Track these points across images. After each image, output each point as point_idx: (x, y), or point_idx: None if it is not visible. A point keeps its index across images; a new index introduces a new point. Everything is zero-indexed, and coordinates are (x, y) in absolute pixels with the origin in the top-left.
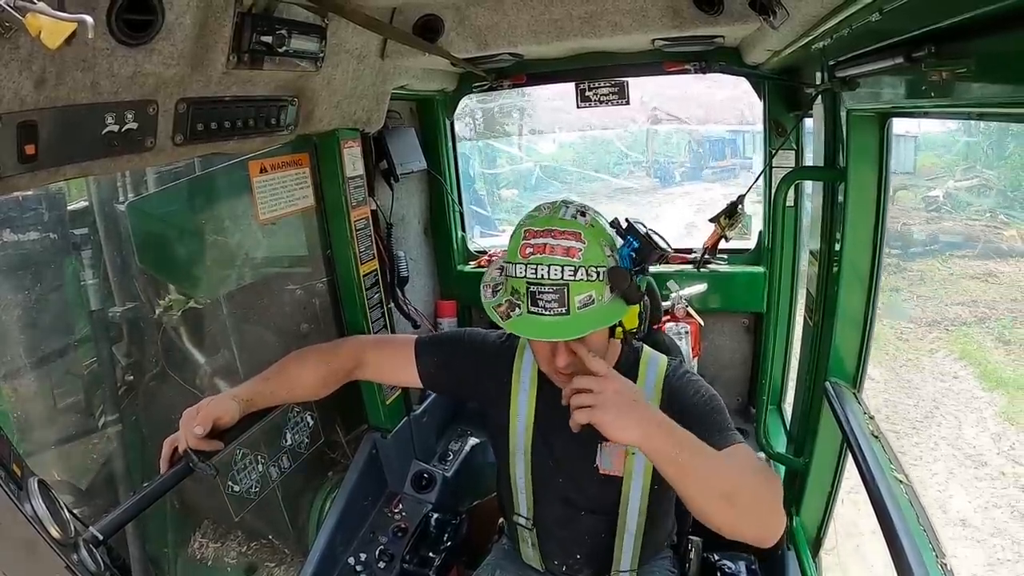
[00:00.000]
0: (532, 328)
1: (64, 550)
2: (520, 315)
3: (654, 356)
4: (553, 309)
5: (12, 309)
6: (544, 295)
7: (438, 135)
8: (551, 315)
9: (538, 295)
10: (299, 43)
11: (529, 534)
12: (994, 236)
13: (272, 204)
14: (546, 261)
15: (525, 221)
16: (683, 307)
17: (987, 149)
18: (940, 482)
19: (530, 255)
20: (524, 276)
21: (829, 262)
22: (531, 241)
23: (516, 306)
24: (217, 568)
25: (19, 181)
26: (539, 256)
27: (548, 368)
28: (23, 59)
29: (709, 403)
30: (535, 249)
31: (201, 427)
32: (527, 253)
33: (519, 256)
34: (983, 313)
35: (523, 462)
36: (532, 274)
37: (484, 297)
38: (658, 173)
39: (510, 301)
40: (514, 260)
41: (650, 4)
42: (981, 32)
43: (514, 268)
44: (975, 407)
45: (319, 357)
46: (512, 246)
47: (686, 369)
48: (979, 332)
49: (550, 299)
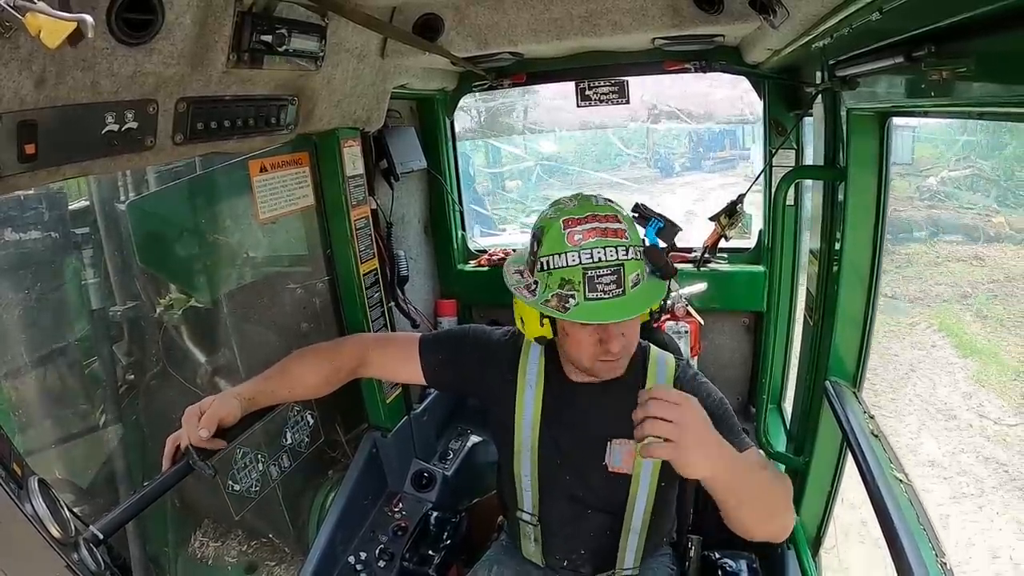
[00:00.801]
0: (595, 313)
1: (64, 549)
2: (578, 304)
3: (662, 355)
4: (611, 291)
5: (13, 308)
6: (602, 278)
7: (438, 134)
8: (609, 298)
9: (596, 279)
10: (299, 42)
11: (533, 530)
12: (983, 223)
13: (272, 203)
14: (601, 244)
15: (556, 214)
16: (683, 306)
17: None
18: (912, 432)
19: (580, 241)
20: (579, 263)
21: (829, 261)
22: (576, 228)
23: (570, 296)
24: (217, 567)
25: (19, 180)
26: (592, 240)
27: (591, 360)
28: (23, 58)
29: (721, 407)
30: (585, 235)
31: (206, 430)
32: (576, 240)
33: (567, 244)
34: (965, 292)
35: (529, 459)
36: (588, 259)
37: (524, 299)
38: (658, 164)
39: (559, 294)
40: (561, 250)
41: (650, 3)
42: (981, 32)
43: (564, 258)
44: (949, 371)
45: (322, 355)
46: (552, 238)
47: (695, 371)
48: (959, 308)
49: (608, 281)
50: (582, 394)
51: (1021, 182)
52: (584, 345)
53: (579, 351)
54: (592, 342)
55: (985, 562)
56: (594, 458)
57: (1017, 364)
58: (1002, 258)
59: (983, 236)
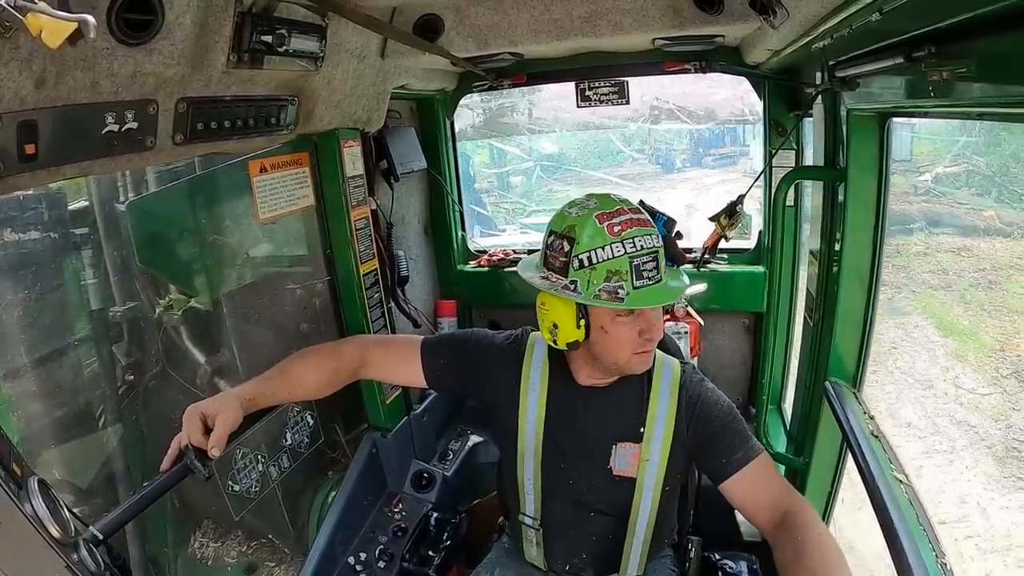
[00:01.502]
0: (648, 298)
1: (64, 549)
2: (628, 293)
3: (668, 359)
4: (654, 277)
5: (12, 309)
6: (646, 265)
7: (438, 135)
8: (652, 283)
9: (641, 267)
10: (299, 43)
11: (535, 534)
12: (975, 217)
13: (272, 204)
14: (639, 233)
15: (583, 212)
16: (683, 307)
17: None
18: (892, 399)
19: (621, 232)
20: (625, 253)
21: (829, 262)
22: (613, 221)
23: (618, 288)
24: (217, 567)
25: (19, 180)
26: (632, 230)
27: (630, 353)
28: (23, 58)
29: (730, 413)
30: (623, 226)
31: (218, 449)
32: (617, 232)
33: (608, 237)
34: (950, 280)
35: (532, 462)
36: (632, 248)
37: (572, 298)
38: (660, 160)
39: (607, 288)
40: (604, 243)
41: (650, 4)
42: (981, 32)
43: (608, 250)
44: (930, 348)
45: (323, 357)
46: (590, 235)
47: (701, 376)
48: (944, 294)
49: (651, 268)
50: (587, 397)
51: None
52: (626, 339)
53: (619, 347)
54: (634, 334)
55: (954, 506)
56: (598, 461)
57: (994, 343)
58: (990, 250)
59: (973, 230)
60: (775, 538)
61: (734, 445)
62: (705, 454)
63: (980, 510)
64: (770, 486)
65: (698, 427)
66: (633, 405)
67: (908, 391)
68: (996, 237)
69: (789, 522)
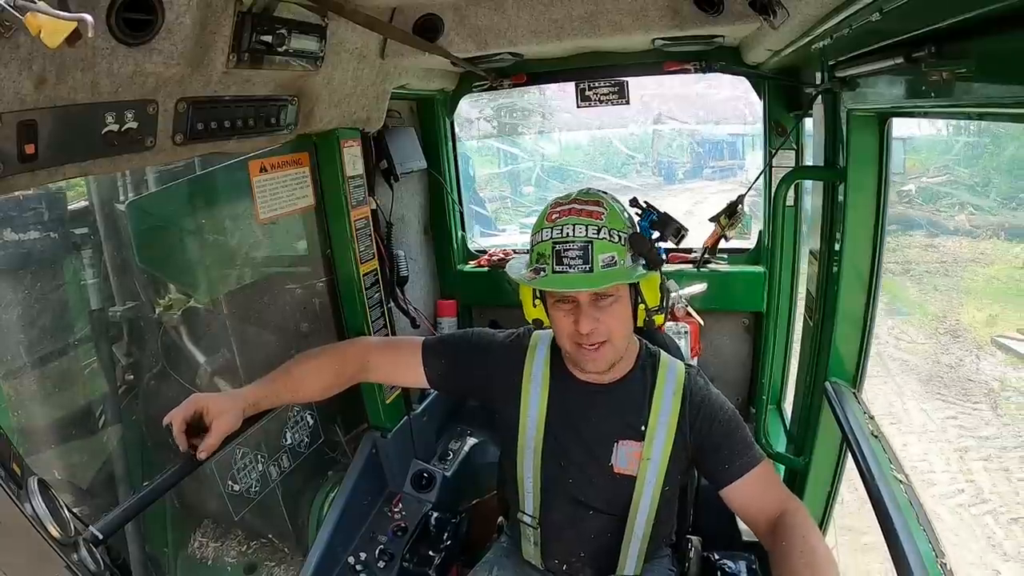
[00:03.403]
0: (557, 282)
1: (64, 549)
2: (545, 275)
3: (672, 362)
4: (577, 266)
5: (12, 308)
6: (569, 252)
7: (438, 135)
8: (576, 272)
9: (563, 253)
10: (299, 43)
11: (533, 532)
12: (948, 221)
13: (272, 204)
14: (571, 221)
15: (550, 203)
16: (683, 307)
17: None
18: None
19: (556, 220)
20: (550, 238)
21: (829, 262)
22: (556, 210)
23: (541, 268)
24: (217, 567)
25: (19, 180)
26: (565, 218)
27: (571, 342)
28: (23, 58)
29: (734, 419)
30: (561, 214)
31: (205, 454)
32: (553, 219)
33: (545, 222)
34: (911, 268)
35: (532, 460)
36: (558, 234)
37: (512, 274)
38: (662, 172)
39: (535, 267)
40: (540, 227)
41: (650, 4)
42: (981, 32)
43: (540, 234)
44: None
45: (325, 360)
46: (538, 222)
47: (706, 380)
48: (903, 279)
49: (575, 256)
50: (589, 395)
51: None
52: (562, 325)
53: (559, 332)
54: (568, 322)
55: (883, 407)
56: (599, 458)
57: (937, 312)
58: (955, 247)
59: (944, 231)
60: (771, 542)
61: (736, 452)
62: (707, 458)
63: (904, 411)
64: (770, 493)
65: (702, 431)
66: (636, 403)
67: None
68: (964, 237)
69: (783, 526)
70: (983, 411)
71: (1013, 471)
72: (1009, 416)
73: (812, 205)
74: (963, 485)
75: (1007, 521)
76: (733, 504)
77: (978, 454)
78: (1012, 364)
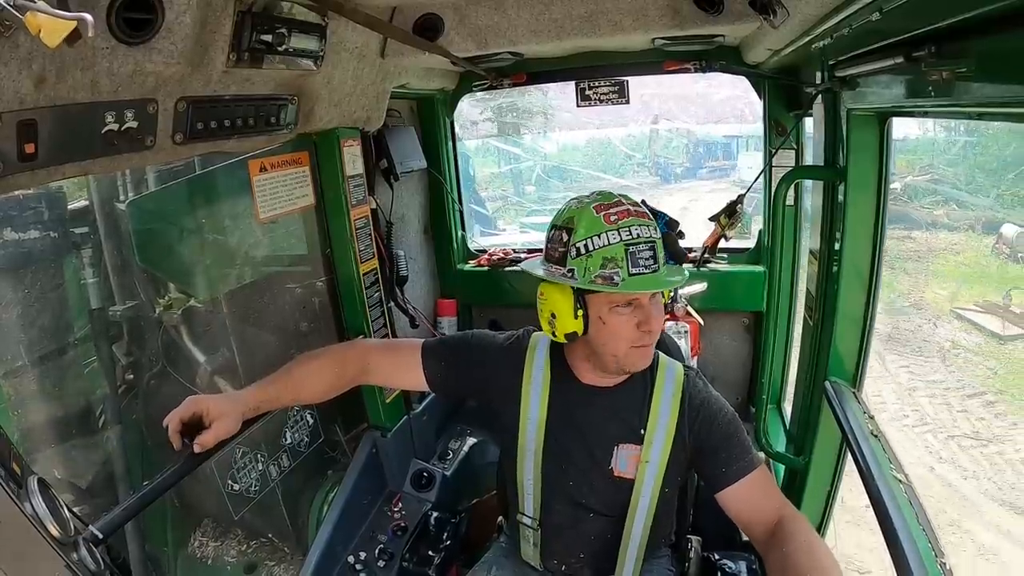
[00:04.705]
0: (644, 284)
1: (64, 549)
2: (624, 279)
3: (671, 363)
4: (650, 266)
5: (12, 308)
6: (642, 253)
7: (438, 134)
8: (649, 272)
9: (637, 254)
10: (299, 42)
11: (532, 534)
12: (927, 216)
13: (272, 203)
14: (636, 223)
15: (581, 205)
16: (683, 306)
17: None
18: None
19: (617, 221)
20: (621, 240)
21: (829, 261)
22: (610, 211)
23: (614, 274)
24: (217, 566)
25: (19, 179)
26: (628, 219)
27: (628, 346)
28: (23, 58)
29: (733, 422)
30: (620, 215)
31: (200, 447)
32: (613, 220)
33: (604, 225)
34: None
35: (532, 462)
36: (628, 236)
37: (569, 283)
38: (659, 172)
39: (602, 274)
40: (600, 231)
41: (650, 3)
42: (981, 32)
43: (604, 237)
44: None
45: (325, 363)
46: (587, 224)
47: (705, 382)
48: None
49: (647, 256)
50: (590, 397)
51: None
52: (623, 330)
53: (617, 339)
54: (631, 326)
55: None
56: (599, 462)
57: (904, 289)
58: (930, 239)
59: (921, 225)
60: (767, 547)
61: (735, 455)
62: (705, 461)
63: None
64: (767, 497)
65: (700, 433)
66: (635, 406)
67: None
68: (941, 231)
69: (782, 530)
70: (934, 363)
71: (953, 404)
72: (956, 367)
73: (812, 205)
74: (909, 413)
75: (944, 437)
76: (729, 508)
77: (925, 392)
78: (965, 330)
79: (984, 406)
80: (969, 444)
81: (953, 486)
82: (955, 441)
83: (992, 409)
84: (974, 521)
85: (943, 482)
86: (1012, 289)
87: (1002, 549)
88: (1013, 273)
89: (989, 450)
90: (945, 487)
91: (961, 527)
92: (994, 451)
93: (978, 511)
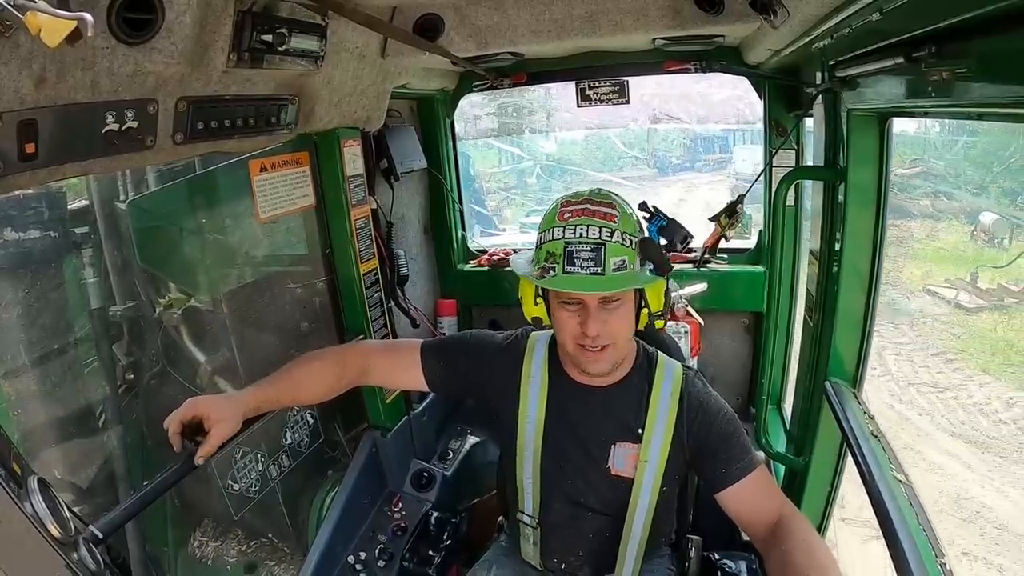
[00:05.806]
0: (567, 283)
1: (64, 548)
2: (555, 275)
3: (670, 363)
4: (589, 268)
5: (12, 307)
6: (581, 253)
7: (438, 134)
8: (586, 273)
9: (575, 254)
10: (299, 42)
11: (532, 532)
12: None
13: (272, 203)
14: (584, 222)
15: (560, 201)
16: (683, 306)
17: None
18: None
19: (568, 219)
20: (562, 237)
21: (829, 262)
22: (568, 209)
23: (551, 268)
24: (217, 566)
25: (19, 179)
26: (577, 218)
27: (574, 343)
28: (23, 58)
29: (733, 423)
30: (573, 214)
31: (203, 459)
32: (565, 218)
33: (556, 222)
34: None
35: (531, 461)
36: (571, 234)
37: (516, 269)
38: (657, 164)
39: (543, 266)
40: (551, 226)
41: (650, 3)
42: (981, 32)
43: (551, 233)
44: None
45: (325, 364)
46: (548, 219)
47: (705, 382)
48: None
49: (587, 257)
50: (587, 397)
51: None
52: (567, 326)
53: (562, 332)
54: (573, 324)
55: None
56: (597, 461)
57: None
58: (913, 226)
59: (906, 213)
60: (767, 546)
61: (734, 456)
62: (704, 461)
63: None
64: (766, 497)
65: (699, 434)
66: (633, 405)
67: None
68: (925, 219)
69: (781, 529)
70: (903, 328)
71: (916, 361)
72: (922, 333)
73: (812, 205)
74: (876, 367)
75: (904, 384)
76: (729, 508)
77: (892, 351)
78: (935, 304)
79: (944, 363)
80: (928, 391)
81: (910, 420)
82: (914, 388)
83: (951, 365)
84: (926, 445)
85: (901, 417)
86: (979, 267)
87: (947, 465)
88: (987, 256)
89: (945, 395)
90: (902, 420)
91: (914, 449)
92: (950, 396)
93: (931, 438)
